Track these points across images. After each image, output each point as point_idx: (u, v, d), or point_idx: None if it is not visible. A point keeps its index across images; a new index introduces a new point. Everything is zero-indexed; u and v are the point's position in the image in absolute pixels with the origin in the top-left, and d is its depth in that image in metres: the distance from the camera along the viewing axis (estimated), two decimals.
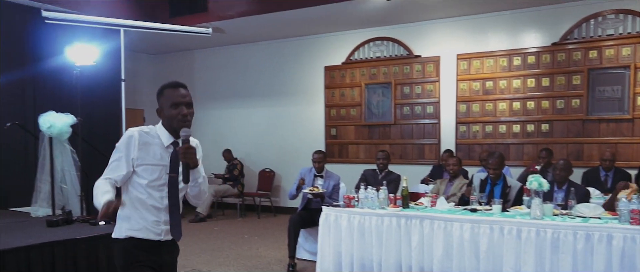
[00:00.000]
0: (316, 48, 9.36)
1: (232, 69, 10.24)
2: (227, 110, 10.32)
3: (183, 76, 10.72)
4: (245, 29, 9.01)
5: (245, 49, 10.07)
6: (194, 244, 6.91)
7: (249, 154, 9.95)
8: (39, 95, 7.55)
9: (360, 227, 4.96)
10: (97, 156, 7.06)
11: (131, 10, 8.76)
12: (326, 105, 9.27)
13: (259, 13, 8.22)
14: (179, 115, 2.48)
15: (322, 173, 6.06)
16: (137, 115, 10.57)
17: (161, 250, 2.55)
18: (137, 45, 10.05)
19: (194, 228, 8.14)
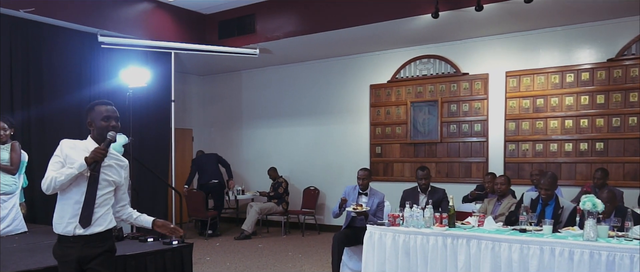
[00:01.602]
0: (361, 67, 9.38)
1: (278, 89, 10.39)
2: (272, 129, 10.46)
3: (231, 96, 10.99)
4: (291, 50, 9.15)
5: (291, 68, 10.21)
6: (239, 261, 6.97)
7: (294, 172, 10.02)
8: None
9: (405, 246, 4.89)
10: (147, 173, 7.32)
11: (182, 34, 9.06)
12: (371, 123, 9.24)
13: (305, 34, 8.34)
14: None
15: (366, 191, 6.01)
16: (186, 134, 10.84)
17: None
18: (186, 67, 10.35)
19: (239, 245, 8.22)
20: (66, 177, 2.83)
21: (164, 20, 8.84)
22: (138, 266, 4.61)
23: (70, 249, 2.92)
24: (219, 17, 9.22)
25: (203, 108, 11.38)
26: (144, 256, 4.68)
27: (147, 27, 8.57)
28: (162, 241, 5.11)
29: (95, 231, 2.94)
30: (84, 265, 2.94)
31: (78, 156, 2.90)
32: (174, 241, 5.08)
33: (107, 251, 3.03)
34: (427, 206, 5.06)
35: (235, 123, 10.98)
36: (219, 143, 11.11)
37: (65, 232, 2.91)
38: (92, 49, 7.92)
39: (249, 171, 10.64)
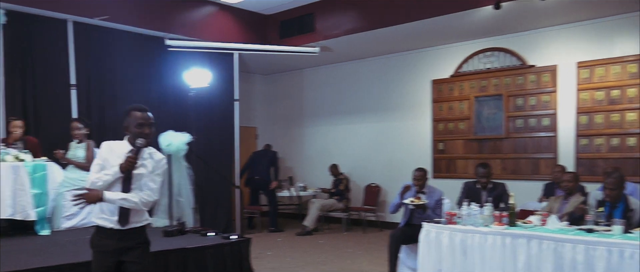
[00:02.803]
0: (423, 62, 9.24)
1: (339, 86, 10.42)
2: (334, 126, 10.50)
3: (293, 94, 11.14)
4: (351, 47, 9.15)
5: (351, 65, 10.21)
6: (299, 256, 7.08)
7: (355, 169, 10.01)
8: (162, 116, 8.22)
9: (462, 244, 4.79)
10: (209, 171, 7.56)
11: (245, 35, 9.28)
12: (433, 119, 9.08)
13: (365, 30, 8.31)
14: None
15: (423, 190, 5.91)
16: (250, 132, 11.10)
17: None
18: (250, 67, 10.60)
19: (300, 241, 8.34)
20: (103, 182, 3.06)
21: (227, 22, 9.09)
22: (198, 259, 4.81)
23: (108, 240, 3.12)
24: (279, 17, 9.37)
25: (267, 106, 11.61)
26: (204, 250, 4.88)
27: (211, 30, 8.84)
28: (221, 235, 5.29)
29: (131, 227, 3.14)
30: (121, 256, 3.13)
31: (115, 160, 3.10)
32: (232, 235, 5.24)
33: (142, 244, 3.23)
34: (487, 204, 4.92)
35: (297, 121, 11.13)
36: (282, 140, 11.29)
37: (103, 225, 3.12)
38: (159, 52, 8.26)
39: (310, 167, 10.75)
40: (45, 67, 7.19)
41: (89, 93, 7.59)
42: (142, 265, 3.18)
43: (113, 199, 3.05)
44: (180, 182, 6.13)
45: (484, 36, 8.34)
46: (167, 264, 4.59)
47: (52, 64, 7.25)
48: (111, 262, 3.12)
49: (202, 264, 4.83)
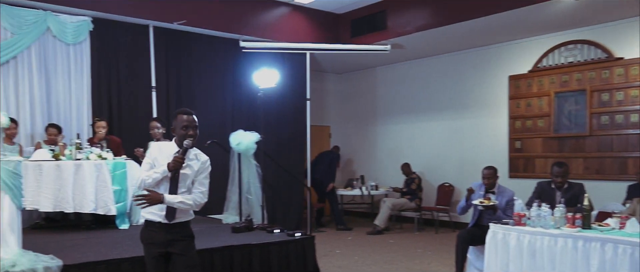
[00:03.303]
0: (499, 57, 8.90)
1: (412, 84, 10.27)
2: (406, 125, 10.36)
3: (366, 93, 11.12)
4: (424, 43, 9.00)
5: (424, 62, 10.03)
6: (368, 256, 7.06)
7: (428, 168, 9.82)
8: (236, 116, 8.54)
9: (530, 247, 4.57)
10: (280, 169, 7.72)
11: (317, 34, 9.39)
12: (510, 116, 8.71)
13: (437, 26, 8.14)
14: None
15: (493, 189, 5.70)
16: (324, 131, 11.20)
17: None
18: (323, 65, 10.69)
19: (370, 240, 8.31)
20: (152, 180, 3.27)
21: (300, 22, 9.24)
22: (263, 255, 4.93)
23: (156, 234, 3.33)
24: (351, 15, 9.39)
25: (340, 105, 11.66)
26: (268, 246, 4.99)
27: (284, 30, 9.02)
28: (287, 232, 5.39)
29: (177, 221, 3.33)
30: (167, 248, 3.32)
31: (163, 159, 3.30)
32: (297, 233, 5.33)
33: (188, 237, 3.42)
34: (559, 205, 4.67)
35: (370, 119, 11.09)
36: (355, 139, 11.31)
37: (152, 219, 3.33)
38: (234, 53, 8.56)
39: (382, 166, 10.68)
40: (128, 70, 7.67)
41: (168, 94, 8.00)
42: (187, 256, 3.36)
43: (172, 201, 3.25)
44: (249, 180, 6.30)
45: (566, 28, 7.90)
46: (232, 259, 4.74)
47: (134, 67, 7.72)
48: (159, 253, 3.33)
49: (266, 260, 4.95)
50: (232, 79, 8.57)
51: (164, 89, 7.97)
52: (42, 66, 6.99)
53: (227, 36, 8.49)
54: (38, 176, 5.40)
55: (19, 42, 6.77)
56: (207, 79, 8.40)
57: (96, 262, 4.07)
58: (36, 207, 5.44)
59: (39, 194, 5.36)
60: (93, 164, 5.50)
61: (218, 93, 8.49)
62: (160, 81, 7.91)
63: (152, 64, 7.83)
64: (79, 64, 7.27)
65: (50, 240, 4.92)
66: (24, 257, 3.81)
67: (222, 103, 8.52)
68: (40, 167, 5.44)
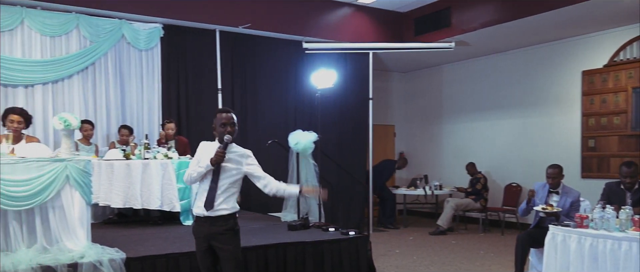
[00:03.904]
0: (571, 52, 8.48)
1: (479, 81, 10.00)
2: (472, 123, 10.11)
3: (431, 91, 10.96)
4: (490, 40, 8.75)
5: (491, 59, 9.75)
6: (427, 256, 6.98)
7: (495, 168, 9.52)
8: (298, 116, 8.70)
9: (591, 250, 4.36)
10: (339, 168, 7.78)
11: (380, 33, 9.38)
12: (583, 114, 8.28)
13: (504, 22, 7.89)
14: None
15: (557, 189, 5.47)
16: (388, 130, 11.15)
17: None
18: (387, 65, 10.65)
19: (431, 240, 8.19)
20: (197, 174, 3.52)
21: (363, 22, 9.27)
22: (315, 253, 5.03)
23: (201, 227, 3.55)
24: (414, 14, 9.30)
25: (405, 104, 11.56)
26: (321, 244, 5.08)
27: (347, 31, 9.09)
28: (341, 231, 5.45)
29: (219, 214, 3.50)
30: (210, 241, 3.52)
31: (208, 155, 3.50)
32: (351, 232, 5.38)
33: (229, 230, 3.54)
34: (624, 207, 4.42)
35: (435, 118, 10.91)
36: (419, 138, 11.17)
37: (198, 213, 3.55)
38: (297, 55, 8.73)
39: (447, 166, 10.48)
40: (196, 73, 8.02)
41: (233, 95, 8.29)
42: (228, 250, 3.50)
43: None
44: (307, 179, 6.41)
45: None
46: (285, 256, 4.87)
47: (201, 70, 8.06)
48: (204, 246, 3.54)
49: (319, 257, 5.03)
50: (295, 80, 8.74)
51: (229, 90, 8.27)
52: (117, 71, 7.46)
53: (290, 38, 8.67)
54: (110, 174, 5.80)
55: (97, 50, 7.27)
56: (270, 80, 8.62)
57: (156, 256, 4.32)
58: (108, 204, 5.84)
59: (110, 191, 5.75)
60: (159, 163, 5.82)
61: (281, 94, 8.70)
62: (226, 83, 8.21)
63: (218, 67, 8.14)
64: (150, 69, 7.70)
65: (119, 234, 5.27)
66: (91, 249, 4.12)
67: (284, 103, 8.72)
68: (112, 166, 5.83)
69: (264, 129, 8.26)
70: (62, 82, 7.07)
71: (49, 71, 6.96)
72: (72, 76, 7.12)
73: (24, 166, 4.07)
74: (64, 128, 4.42)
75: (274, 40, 8.64)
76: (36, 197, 4.06)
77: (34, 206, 4.06)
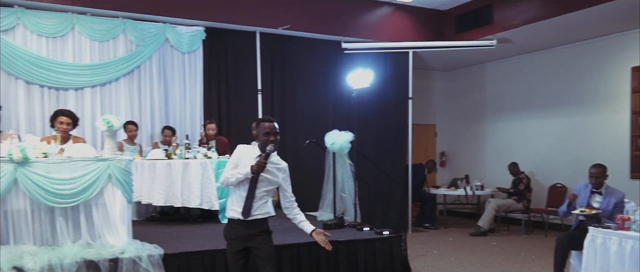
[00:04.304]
0: (620, 47, 8.18)
1: (522, 79, 9.78)
2: (515, 122, 9.90)
3: (474, 90, 10.79)
4: (534, 36, 8.55)
5: (535, 57, 9.52)
6: (465, 257, 6.89)
7: (538, 168, 9.28)
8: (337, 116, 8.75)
9: (632, 253, 4.22)
10: (373, 167, 7.77)
11: (420, 32, 9.32)
12: (633, 111, 7.97)
13: (549, 17, 7.71)
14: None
15: (600, 189, 5.31)
16: (429, 130, 11.04)
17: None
18: (428, 63, 10.56)
19: (471, 241, 8.07)
20: (235, 179, 3.57)
21: (402, 21, 9.24)
22: (349, 252, 5.06)
23: (236, 229, 3.64)
24: (455, 11, 9.20)
25: (446, 103, 11.42)
26: (354, 243, 5.11)
27: (386, 30, 9.08)
28: (375, 231, 5.47)
29: (254, 218, 3.60)
30: (246, 243, 3.62)
31: (247, 161, 3.57)
32: (385, 231, 5.39)
33: (264, 231, 3.67)
34: None
35: (477, 117, 10.73)
36: (461, 137, 11.01)
37: (232, 216, 3.64)
38: (336, 55, 8.79)
39: (489, 166, 10.29)
40: (236, 74, 8.20)
41: (272, 96, 8.43)
42: (264, 250, 3.61)
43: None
44: (343, 179, 6.45)
45: None
46: (318, 255, 4.93)
47: (242, 72, 8.24)
48: (238, 248, 3.64)
49: (352, 257, 5.07)
50: (333, 80, 8.79)
51: (269, 91, 8.41)
52: (161, 74, 7.73)
53: (328, 38, 8.73)
54: (152, 173, 6.02)
55: (142, 53, 7.56)
56: (309, 80, 8.71)
57: (193, 253, 4.47)
58: (150, 201, 6.06)
59: (152, 189, 5.97)
60: (199, 162, 5.98)
61: (319, 94, 8.77)
62: (266, 84, 8.35)
63: (258, 68, 8.30)
64: (193, 71, 7.93)
65: (160, 231, 5.47)
66: (131, 245, 4.30)
67: (323, 103, 8.79)
68: (154, 166, 6.05)
69: (302, 129, 8.36)
70: (109, 84, 7.39)
71: (98, 74, 7.28)
72: (118, 79, 7.44)
73: (69, 165, 4.28)
74: (107, 129, 4.62)
75: (313, 41, 8.72)
76: (81, 195, 4.27)
77: (78, 203, 4.27)
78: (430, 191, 9.61)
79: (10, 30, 6.81)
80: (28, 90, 6.93)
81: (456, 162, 10.93)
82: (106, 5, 7.18)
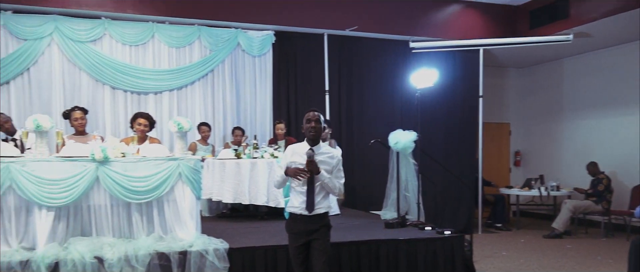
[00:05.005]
0: None
1: (601, 75, 9.30)
2: (594, 120, 9.42)
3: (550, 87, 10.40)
4: (615, 30, 8.15)
5: (615, 51, 9.04)
6: (536, 259, 6.67)
7: (621, 168, 8.77)
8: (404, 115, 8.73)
9: None
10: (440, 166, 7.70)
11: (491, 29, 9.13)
12: None
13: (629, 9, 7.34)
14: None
15: None
16: (502, 129, 10.74)
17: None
18: (500, 60, 10.27)
19: (544, 243, 7.78)
20: (278, 183, 3.95)
21: (473, 18, 9.09)
22: (409, 251, 5.10)
23: (298, 224, 3.83)
24: (529, 6, 8.94)
25: (521, 101, 11.04)
26: (415, 242, 5.14)
27: (456, 28, 8.97)
28: (436, 230, 5.46)
29: (316, 213, 3.80)
30: (308, 237, 3.79)
31: (297, 158, 3.78)
32: (446, 231, 5.37)
33: (325, 226, 3.84)
34: None
35: (554, 115, 10.29)
36: (537, 136, 10.60)
37: (295, 211, 3.84)
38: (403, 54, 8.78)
39: (566, 165, 9.85)
40: (304, 76, 8.44)
41: (340, 97, 8.58)
42: (323, 244, 3.79)
43: (324, 176, 3.75)
44: (407, 178, 6.46)
45: None
46: (378, 253, 5.00)
47: (309, 73, 8.46)
48: (301, 242, 3.82)
49: (412, 255, 5.10)
50: (400, 79, 8.75)
51: (336, 92, 8.57)
52: (233, 77, 8.11)
53: (396, 38, 8.75)
54: (222, 172, 6.34)
55: (216, 58, 7.96)
56: (376, 80, 8.77)
57: (256, 247, 4.70)
58: (220, 199, 6.39)
59: (222, 187, 6.29)
60: (266, 162, 6.23)
61: (386, 93, 8.80)
62: (333, 85, 8.51)
63: (325, 69, 8.48)
64: (263, 73, 8.25)
65: (228, 227, 5.77)
66: (199, 239, 4.60)
67: (390, 103, 8.81)
68: (224, 165, 6.37)
69: (369, 129, 8.43)
70: (185, 88, 7.85)
71: (175, 79, 7.76)
72: (194, 83, 7.88)
73: (144, 164, 4.65)
74: (178, 130, 4.96)
75: (380, 41, 8.78)
76: (154, 192, 4.62)
77: (152, 199, 4.62)
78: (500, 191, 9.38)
79: (98, 40, 7.42)
80: (113, 95, 7.51)
81: (531, 162, 10.56)
82: (183, 14, 7.63)
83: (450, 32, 8.89)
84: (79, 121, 5.69)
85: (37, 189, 4.27)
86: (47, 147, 4.62)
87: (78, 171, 4.40)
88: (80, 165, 4.43)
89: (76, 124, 5.69)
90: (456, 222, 7.82)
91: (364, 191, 8.27)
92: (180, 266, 4.35)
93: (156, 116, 7.07)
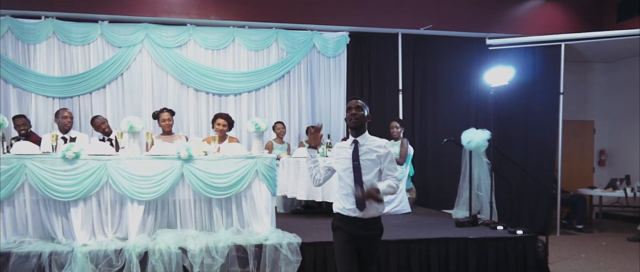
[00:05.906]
0: None
1: None
2: None
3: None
4: None
5: None
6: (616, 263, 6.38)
7: None
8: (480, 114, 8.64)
9: None
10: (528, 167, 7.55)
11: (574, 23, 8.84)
12: None
13: None
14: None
15: None
16: (586, 127, 10.28)
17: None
18: (586, 55, 9.83)
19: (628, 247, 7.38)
20: (312, 171, 3.72)
21: (554, 12, 8.85)
22: (479, 250, 5.14)
23: (348, 226, 3.40)
24: None
25: (608, 97, 10.47)
26: (485, 241, 5.17)
27: (535, 23, 8.76)
28: (508, 230, 5.43)
29: (370, 216, 3.39)
30: (358, 243, 3.40)
31: (342, 153, 3.45)
32: (518, 230, 5.33)
33: (379, 233, 3.49)
34: None
35: None
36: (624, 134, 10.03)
37: (343, 212, 3.42)
38: (479, 52, 8.69)
39: None
40: (378, 75, 8.58)
41: (413, 96, 8.64)
42: (374, 253, 3.47)
43: (385, 190, 3.31)
44: (480, 177, 6.45)
45: None
46: (447, 251, 5.07)
47: (383, 73, 8.59)
48: (350, 246, 3.40)
49: (483, 254, 5.11)
50: (475, 78, 8.66)
51: (410, 91, 8.63)
52: (308, 78, 8.40)
53: (472, 35, 8.68)
54: (296, 170, 6.61)
55: (292, 59, 8.28)
56: (450, 78, 8.75)
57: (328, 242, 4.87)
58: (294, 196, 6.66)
59: (296, 185, 6.56)
60: None
61: (461, 92, 8.76)
62: (407, 84, 8.59)
63: (399, 69, 8.57)
64: (337, 74, 8.48)
65: (301, 223, 6.03)
66: (274, 233, 4.89)
67: (465, 102, 8.75)
68: (298, 163, 6.64)
69: (443, 128, 8.43)
70: (263, 89, 8.23)
71: (253, 81, 8.17)
72: (271, 84, 8.25)
73: (224, 162, 5.01)
74: (255, 130, 5.28)
75: (455, 39, 8.74)
76: (233, 188, 4.97)
77: (231, 195, 4.97)
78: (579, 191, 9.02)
79: (183, 45, 7.96)
80: (196, 97, 8.02)
81: (617, 162, 10.03)
82: (261, 18, 8.01)
83: (529, 28, 8.69)
84: (167, 122, 6.17)
85: (129, 185, 4.74)
86: (138, 146, 5.09)
87: (165, 168, 4.83)
88: (167, 163, 4.85)
89: (164, 124, 6.17)
90: (534, 223, 7.62)
91: (436, 190, 8.30)
92: (256, 258, 4.66)
93: (235, 116, 7.50)
